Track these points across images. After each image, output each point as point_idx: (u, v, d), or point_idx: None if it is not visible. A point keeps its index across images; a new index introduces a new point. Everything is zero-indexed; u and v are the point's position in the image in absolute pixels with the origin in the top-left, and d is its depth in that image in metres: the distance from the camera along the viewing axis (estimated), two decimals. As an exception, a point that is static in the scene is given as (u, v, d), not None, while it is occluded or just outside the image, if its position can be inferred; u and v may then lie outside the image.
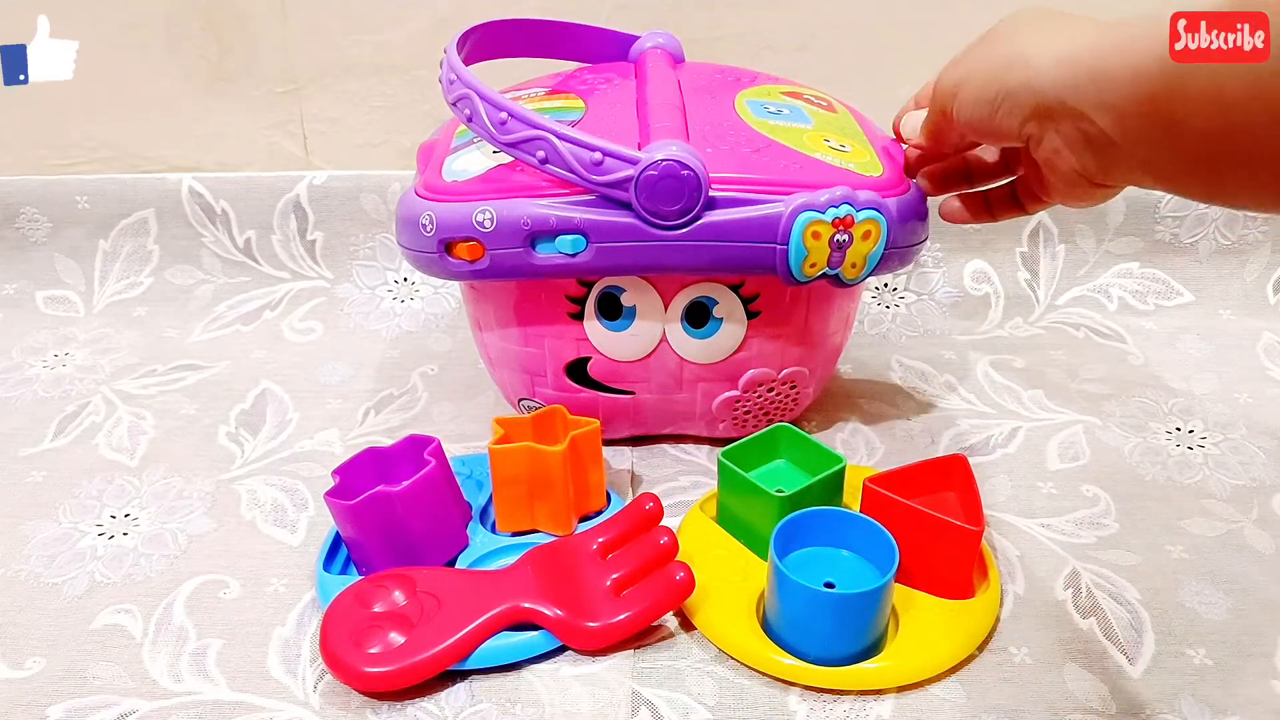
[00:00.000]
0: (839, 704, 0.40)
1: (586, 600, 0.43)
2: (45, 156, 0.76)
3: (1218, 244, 0.73)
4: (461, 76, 0.47)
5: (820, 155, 0.48)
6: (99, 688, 0.41)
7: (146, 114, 0.75)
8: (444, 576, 0.44)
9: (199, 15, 0.72)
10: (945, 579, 0.44)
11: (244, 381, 0.65)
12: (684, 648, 0.43)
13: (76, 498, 0.53)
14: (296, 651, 0.43)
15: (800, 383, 0.55)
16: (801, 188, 0.46)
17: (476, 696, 0.41)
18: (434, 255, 0.48)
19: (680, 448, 0.58)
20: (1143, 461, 0.56)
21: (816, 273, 0.47)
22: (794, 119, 0.52)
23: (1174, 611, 0.45)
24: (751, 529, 0.47)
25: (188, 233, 0.75)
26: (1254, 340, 0.69)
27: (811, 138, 0.50)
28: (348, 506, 0.44)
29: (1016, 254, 0.74)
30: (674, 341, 0.52)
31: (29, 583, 0.47)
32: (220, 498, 0.53)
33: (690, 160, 0.44)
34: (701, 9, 0.70)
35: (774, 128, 0.50)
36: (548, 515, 0.48)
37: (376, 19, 0.72)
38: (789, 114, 0.52)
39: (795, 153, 0.48)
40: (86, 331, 0.72)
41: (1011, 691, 0.41)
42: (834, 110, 0.55)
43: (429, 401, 0.63)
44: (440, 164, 0.51)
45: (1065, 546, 0.49)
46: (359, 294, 0.75)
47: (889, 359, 0.68)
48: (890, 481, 0.46)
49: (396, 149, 0.76)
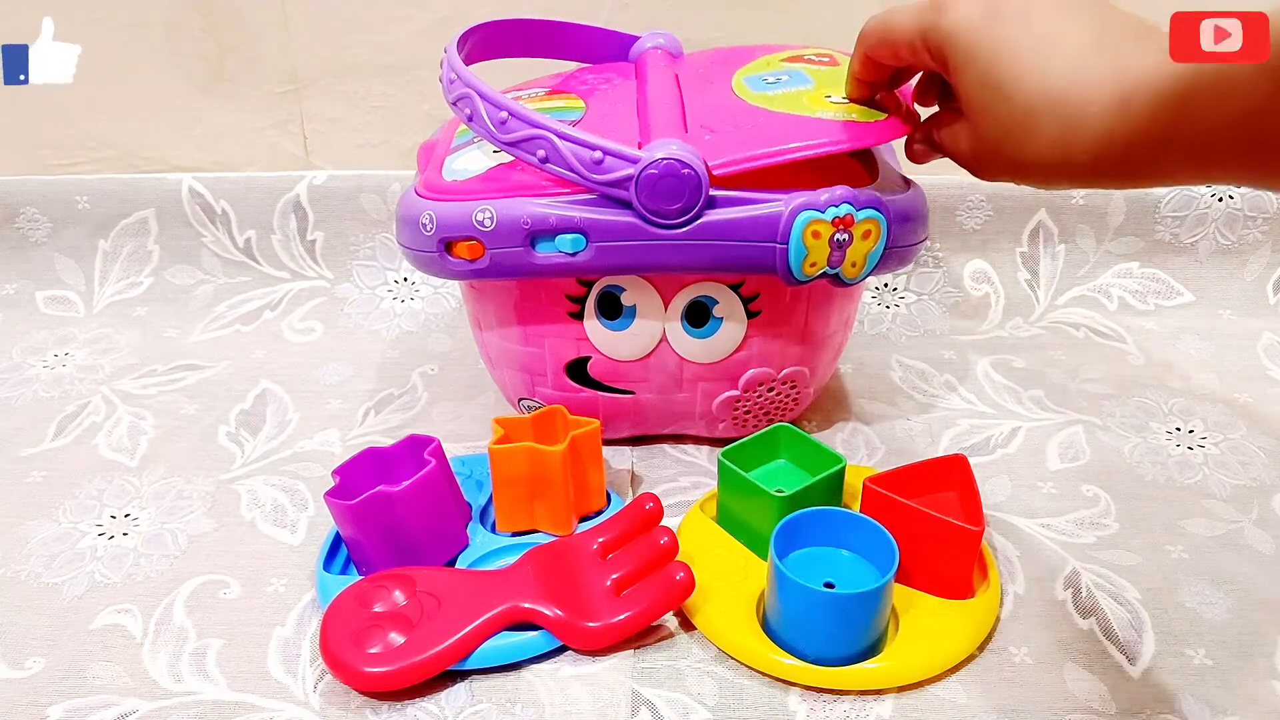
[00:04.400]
0: (839, 704, 0.40)
1: (586, 600, 0.43)
2: (45, 156, 0.76)
3: (1218, 244, 0.73)
4: (462, 76, 0.47)
5: (821, 113, 0.47)
6: (99, 688, 0.41)
7: (146, 114, 0.75)
8: (444, 576, 0.44)
9: (199, 15, 0.72)
10: (945, 579, 0.44)
11: (244, 381, 0.65)
12: (684, 648, 0.43)
13: (76, 498, 0.53)
14: (296, 651, 0.43)
15: (800, 383, 0.55)
16: (803, 150, 0.45)
17: (476, 696, 0.41)
18: (434, 255, 0.48)
19: (680, 448, 0.58)
20: (1143, 461, 0.56)
21: (816, 272, 0.47)
22: (793, 83, 0.51)
23: (1174, 611, 0.45)
24: (751, 529, 0.47)
25: (188, 233, 0.75)
26: (1254, 340, 0.69)
27: (811, 98, 0.49)
28: (348, 506, 0.44)
29: (1016, 254, 0.74)
30: (674, 341, 0.52)
31: (29, 583, 0.47)
32: (220, 498, 0.53)
33: (690, 159, 0.44)
34: (701, 9, 0.70)
35: (772, 98, 0.49)
36: (548, 515, 0.48)
37: (376, 19, 0.72)
38: (788, 80, 0.51)
39: (793, 117, 0.47)
40: (86, 331, 0.72)
41: (1011, 691, 0.41)
42: (837, 63, 0.54)
43: (429, 401, 0.63)
44: (440, 163, 0.51)
45: (1065, 546, 0.49)
46: (359, 294, 0.75)
47: (889, 359, 0.68)
48: (890, 481, 0.46)
49: (396, 149, 0.76)
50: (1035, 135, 0.35)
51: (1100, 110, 0.32)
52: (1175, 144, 0.31)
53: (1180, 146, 0.31)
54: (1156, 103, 0.30)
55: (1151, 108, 0.31)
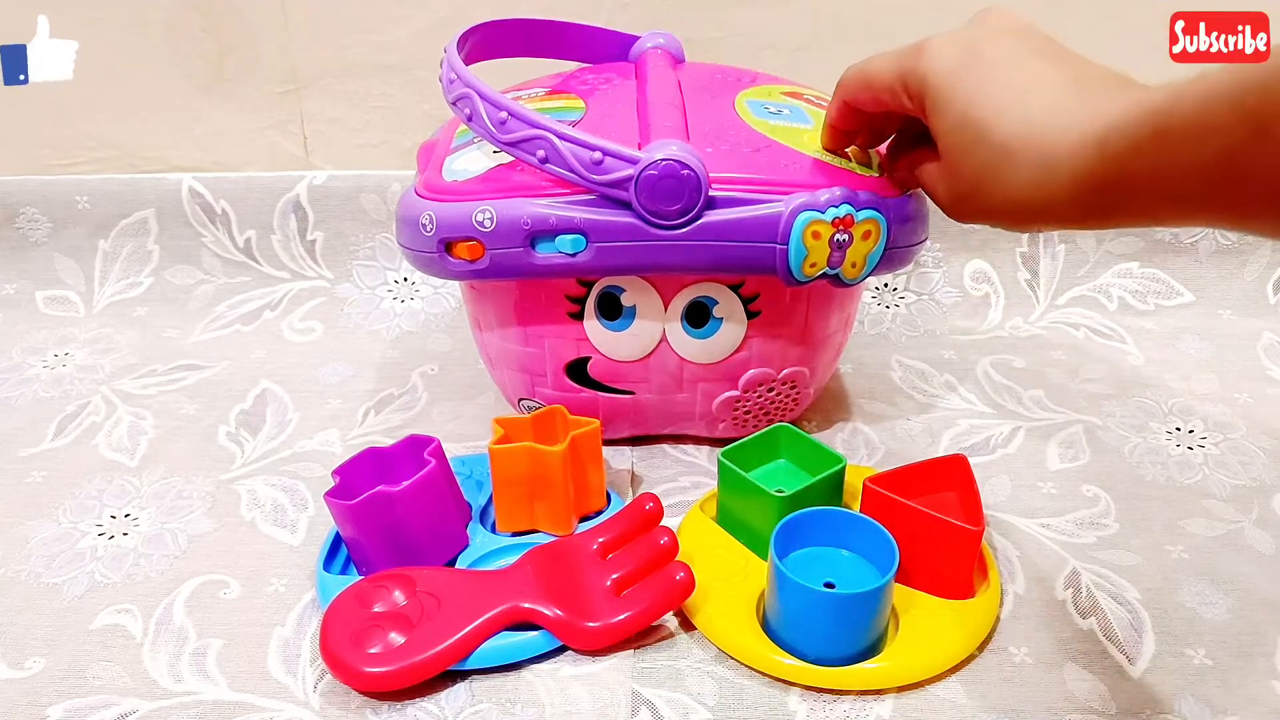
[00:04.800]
0: (839, 704, 0.40)
1: (586, 600, 0.43)
2: (45, 156, 0.76)
3: (1218, 244, 0.73)
4: (461, 76, 0.47)
5: (820, 155, 0.49)
6: (99, 688, 0.41)
7: (146, 114, 0.75)
8: (444, 576, 0.44)
9: (199, 15, 0.72)
10: (945, 579, 0.44)
11: (244, 381, 0.65)
12: (684, 648, 0.43)
13: (76, 498, 0.53)
14: (296, 651, 0.43)
15: (800, 383, 0.55)
16: (801, 188, 0.46)
17: (476, 696, 0.41)
18: (434, 255, 0.48)
19: (680, 448, 0.58)
20: (1143, 461, 0.56)
21: (816, 272, 0.47)
22: (794, 119, 0.52)
23: (1174, 611, 0.45)
24: (751, 529, 0.47)
25: (188, 233, 0.75)
26: (1254, 340, 0.69)
27: (811, 138, 0.50)
28: (348, 506, 0.44)
29: (1016, 254, 0.74)
30: (674, 341, 0.52)
31: (29, 583, 0.47)
32: (220, 498, 0.53)
33: (690, 160, 0.44)
34: (701, 9, 0.70)
35: (774, 128, 0.50)
36: (548, 515, 0.48)
37: (376, 19, 0.72)
38: (789, 114, 0.52)
39: (795, 152, 0.48)
40: (86, 331, 0.72)
41: (1011, 691, 0.41)
42: None
43: (429, 401, 0.63)
44: (440, 164, 0.51)
45: (1065, 546, 0.49)
46: (359, 294, 0.75)
47: (889, 359, 0.68)
48: (890, 481, 0.46)
49: (396, 149, 0.76)
50: (1013, 175, 0.35)
51: (1078, 149, 0.32)
52: (1153, 184, 0.31)
53: (1158, 187, 0.31)
54: (1135, 141, 0.30)
55: (1129, 147, 0.31)
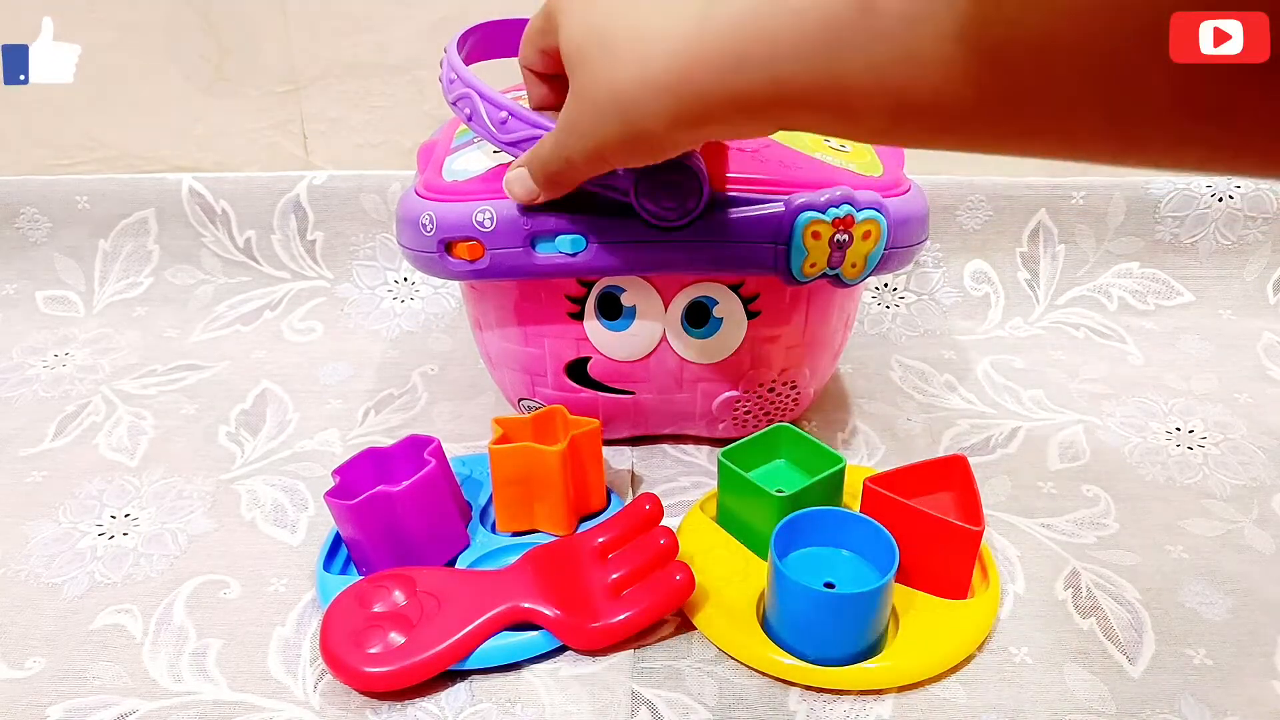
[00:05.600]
0: (839, 704, 0.40)
1: (586, 600, 0.43)
2: (45, 156, 0.76)
3: (1218, 244, 0.73)
4: (461, 76, 0.47)
5: (820, 155, 0.48)
6: (99, 688, 0.41)
7: (146, 114, 0.75)
8: (444, 576, 0.44)
9: (199, 15, 0.72)
10: (945, 579, 0.44)
11: (244, 381, 0.65)
12: (684, 648, 0.43)
13: (76, 498, 0.53)
14: (296, 651, 0.43)
15: (800, 383, 0.55)
16: (801, 188, 0.46)
17: (476, 696, 0.41)
18: (434, 255, 0.48)
19: (680, 448, 0.58)
20: (1143, 461, 0.56)
21: (816, 273, 0.47)
22: None
23: (1174, 611, 0.45)
24: (751, 529, 0.47)
25: (188, 233, 0.75)
26: (1254, 340, 0.69)
27: (812, 139, 0.50)
28: (348, 506, 0.44)
29: (1016, 254, 0.74)
30: (674, 341, 0.52)
31: (29, 583, 0.47)
32: (220, 498, 0.53)
33: (690, 159, 0.44)
34: (701, 9, 0.70)
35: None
36: (548, 515, 0.48)
37: (376, 19, 0.72)
38: None
39: (795, 152, 0.48)
40: (86, 331, 0.72)
41: (1011, 691, 0.41)
42: None
43: (429, 401, 0.63)
44: (440, 164, 0.51)
45: (1065, 546, 0.49)
46: (359, 294, 0.75)
47: (889, 359, 0.68)
48: (890, 481, 0.46)
49: (396, 149, 0.76)
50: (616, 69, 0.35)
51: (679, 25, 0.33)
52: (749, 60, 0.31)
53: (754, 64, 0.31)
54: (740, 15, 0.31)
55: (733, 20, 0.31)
